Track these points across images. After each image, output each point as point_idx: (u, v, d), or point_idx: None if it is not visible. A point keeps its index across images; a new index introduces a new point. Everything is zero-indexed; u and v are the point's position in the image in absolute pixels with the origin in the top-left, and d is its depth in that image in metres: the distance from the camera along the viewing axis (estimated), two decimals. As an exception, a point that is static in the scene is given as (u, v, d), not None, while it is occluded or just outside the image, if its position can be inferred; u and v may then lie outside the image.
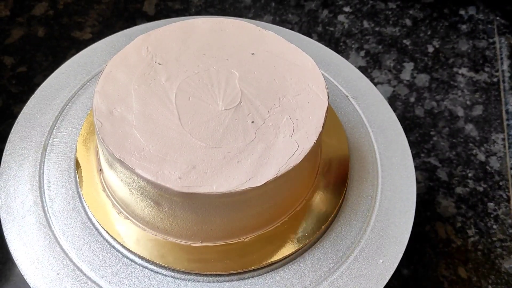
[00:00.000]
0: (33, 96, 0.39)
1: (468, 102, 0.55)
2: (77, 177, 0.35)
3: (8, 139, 0.37)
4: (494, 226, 0.47)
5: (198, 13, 0.60)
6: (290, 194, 0.33)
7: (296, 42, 0.37)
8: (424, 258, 0.45)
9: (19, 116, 0.38)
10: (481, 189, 0.49)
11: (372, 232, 0.35)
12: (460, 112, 0.54)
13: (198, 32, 0.36)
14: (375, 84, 0.54)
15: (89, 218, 0.34)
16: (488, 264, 0.45)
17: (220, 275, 0.33)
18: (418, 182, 0.43)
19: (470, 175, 0.49)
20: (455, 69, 0.57)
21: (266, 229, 0.34)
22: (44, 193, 0.35)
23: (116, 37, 0.43)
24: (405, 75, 0.56)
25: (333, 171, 0.37)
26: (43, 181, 0.35)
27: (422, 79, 0.56)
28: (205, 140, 0.30)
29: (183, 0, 0.61)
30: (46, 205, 0.34)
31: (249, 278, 0.33)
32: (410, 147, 0.39)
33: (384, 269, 0.34)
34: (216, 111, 0.32)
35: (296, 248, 0.33)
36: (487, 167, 0.50)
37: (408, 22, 0.61)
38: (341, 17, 0.61)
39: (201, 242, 0.33)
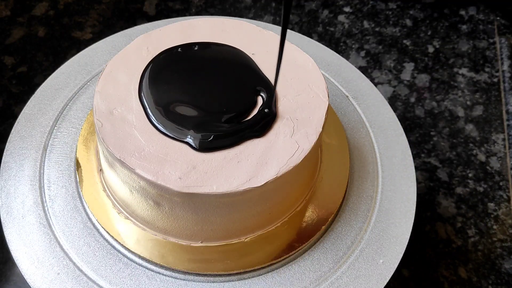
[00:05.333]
0: (33, 96, 0.39)
1: (468, 102, 0.55)
2: (78, 177, 0.35)
3: (9, 139, 0.37)
4: (494, 227, 0.46)
5: (199, 13, 0.60)
6: (290, 194, 0.33)
7: (297, 42, 0.37)
8: (424, 258, 0.45)
9: (20, 116, 0.38)
10: (481, 189, 0.49)
11: (372, 232, 0.35)
12: (461, 112, 0.54)
13: (198, 32, 0.35)
14: (376, 84, 0.54)
15: (89, 218, 0.34)
16: (488, 264, 0.45)
17: (220, 275, 0.33)
18: (418, 182, 0.43)
19: (470, 175, 0.49)
20: (455, 69, 0.57)
21: (266, 229, 0.34)
22: (44, 193, 0.35)
23: (117, 37, 0.43)
24: (406, 75, 0.56)
25: (333, 171, 0.37)
26: (43, 181, 0.35)
27: (423, 79, 0.56)
28: (205, 140, 0.30)
29: (184, 0, 0.61)
30: (46, 205, 0.34)
31: (249, 278, 0.33)
32: (410, 147, 0.39)
33: (384, 269, 0.34)
34: (216, 111, 0.32)
35: (296, 248, 0.33)
36: (487, 167, 0.50)
37: (408, 22, 0.61)
38: (341, 17, 0.61)
39: (202, 242, 0.33)
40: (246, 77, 0.33)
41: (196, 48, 0.34)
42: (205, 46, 0.34)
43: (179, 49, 0.34)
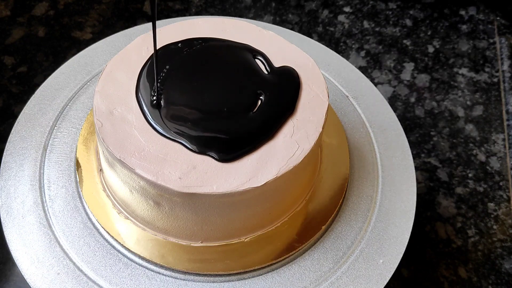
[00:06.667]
0: (33, 96, 0.39)
1: (468, 102, 0.55)
2: (77, 177, 0.35)
3: (9, 139, 0.37)
4: (494, 227, 0.46)
5: (199, 13, 0.60)
6: (290, 194, 0.33)
7: (296, 42, 0.37)
8: (424, 258, 0.45)
9: (20, 116, 0.38)
10: (481, 189, 0.49)
11: (372, 232, 0.35)
12: (461, 112, 0.54)
13: (198, 32, 0.35)
14: (375, 84, 0.54)
15: (89, 218, 0.34)
16: (488, 264, 0.45)
17: (220, 275, 0.33)
18: (418, 182, 0.43)
19: (470, 175, 0.49)
20: (455, 69, 0.57)
21: (266, 229, 0.34)
22: (44, 193, 0.35)
23: (117, 37, 0.43)
24: (406, 75, 0.56)
25: (333, 171, 0.37)
26: (43, 181, 0.35)
27: (423, 79, 0.56)
28: (205, 140, 0.30)
29: (184, 0, 0.61)
30: (46, 205, 0.34)
31: (249, 278, 0.33)
32: (410, 147, 0.39)
33: (384, 269, 0.34)
34: (216, 111, 0.32)
35: (296, 248, 0.33)
36: (487, 167, 0.50)
37: (408, 22, 0.61)
38: (341, 17, 0.61)
39: (202, 242, 0.33)
40: (245, 76, 0.33)
41: (194, 45, 0.34)
42: (204, 42, 0.34)
43: (179, 44, 0.34)
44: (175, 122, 0.30)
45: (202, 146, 0.29)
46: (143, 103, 0.31)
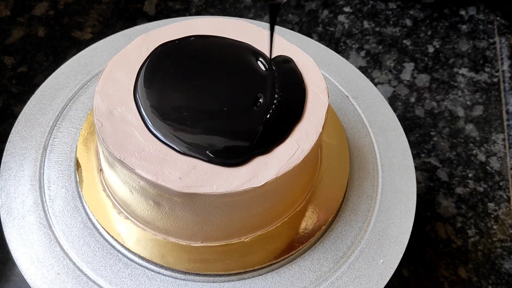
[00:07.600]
0: (33, 96, 0.39)
1: (468, 103, 0.55)
2: (77, 177, 0.35)
3: (9, 139, 0.37)
4: (494, 227, 0.46)
5: (199, 13, 0.60)
6: (290, 194, 0.33)
7: (296, 42, 0.37)
8: (424, 258, 0.45)
9: (20, 116, 0.38)
10: (481, 189, 0.49)
11: (372, 232, 0.35)
12: (461, 112, 0.54)
13: (198, 32, 0.35)
14: (376, 84, 0.54)
15: (89, 218, 0.34)
16: (488, 264, 0.45)
17: (220, 275, 0.33)
18: (418, 182, 0.43)
19: (470, 175, 0.49)
20: (455, 69, 0.57)
21: (266, 229, 0.34)
22: (44, 193, 0.35)
23: (117, 37, 0.43)
24: (406, 75, 0.56)
25: (333, 171, 0.37)
26: (43, 181, 0.35)
27: (423, 79, 0.56)
28: (205, 140, 0.30)
29: (184, 0, 0.61)
30: (46, 205, 0.34)
31: (249, 278, 0.33)
32: (410, 147, 0.39)
33: (384, 269, 0.34)
34: (216, 111, 0.32)
35: (296, 248, 0.33)
36: (487, 167, 0.50)
37: (408, 22, 0.61)
38: (341, 17, 0.61)
39: (202, 242, 0.33)
40: (245, 76, 0.33)
41: (193, 42, 0.33)
42: (203, 39, 0.34)
43: (176, 42, 0.34)
44: (172, 125, 0.30)
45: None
46: (141, 104, 0.31)
